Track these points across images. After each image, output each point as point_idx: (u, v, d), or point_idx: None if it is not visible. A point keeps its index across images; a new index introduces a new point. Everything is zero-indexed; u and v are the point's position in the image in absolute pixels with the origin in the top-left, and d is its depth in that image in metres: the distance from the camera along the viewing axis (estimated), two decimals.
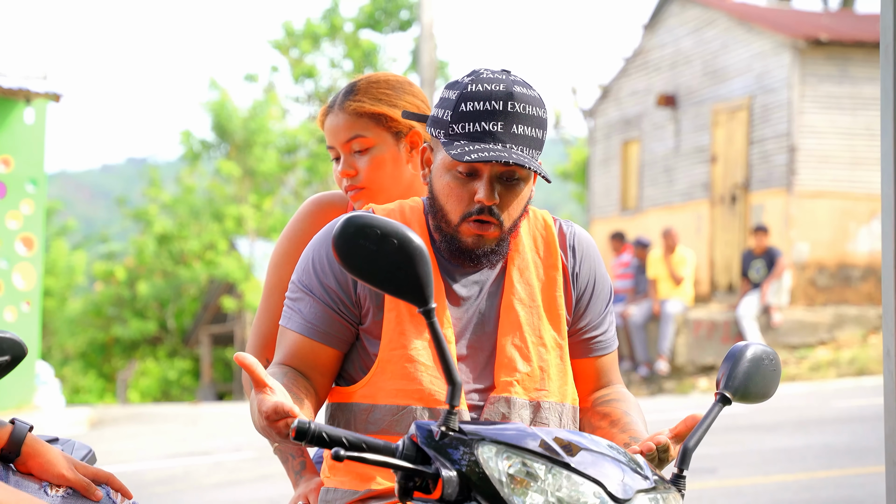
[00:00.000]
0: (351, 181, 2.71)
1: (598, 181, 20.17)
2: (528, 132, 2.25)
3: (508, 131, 2.23)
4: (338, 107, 2.73)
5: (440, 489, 1.80)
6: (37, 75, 12.28)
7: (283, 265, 2.79)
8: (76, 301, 32.88)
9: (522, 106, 2.24)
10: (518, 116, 2.24)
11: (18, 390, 12.32)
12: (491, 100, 2.23)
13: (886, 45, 2.96)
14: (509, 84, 2.25)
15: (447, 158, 2.27)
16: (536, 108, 2.26)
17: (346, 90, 2.75)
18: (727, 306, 15.69)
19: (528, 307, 2.34)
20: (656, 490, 1.88)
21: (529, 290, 2.35)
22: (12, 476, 2.40)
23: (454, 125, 2.25)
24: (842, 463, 7.81)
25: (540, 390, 2.31)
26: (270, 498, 7.64)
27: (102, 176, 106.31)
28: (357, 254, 1.89)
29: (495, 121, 2.23)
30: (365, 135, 2.69)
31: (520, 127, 2.24)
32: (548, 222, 2.42)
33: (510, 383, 2.29)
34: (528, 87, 2.27)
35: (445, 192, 2.28)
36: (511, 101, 2.23)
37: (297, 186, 29.10)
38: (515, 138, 2.23)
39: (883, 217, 2.98)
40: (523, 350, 2.32)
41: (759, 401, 2.19)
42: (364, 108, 2.70)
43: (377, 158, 2.70)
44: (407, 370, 2.26)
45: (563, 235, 2.42)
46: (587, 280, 2.41)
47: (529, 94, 2.26)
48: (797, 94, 15.94)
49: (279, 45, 28.90)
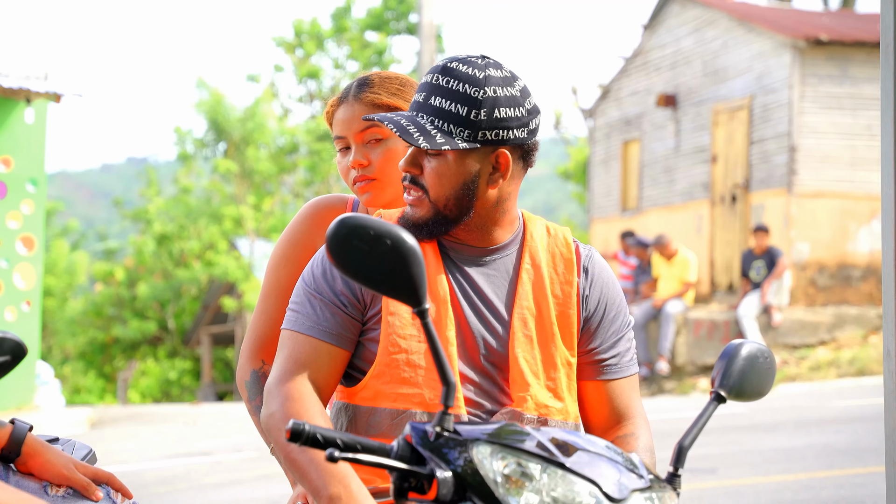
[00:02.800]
0: (362, 171, 2.69)
1: (599, 181, 20.17)
2: (444, 105, 2.28)
3: (427, 102, 2.30)
4: (352, 97, 2.71)
5: (435, 490, 1.80)
6: (37, 75, 12.28)
7: (280, 268, 2.79)
8: (76, 301, 32.88)
9: (447, 80, 2.29)
10: (438, 89, 2.30)
11: (18, 390, 12.32)
12: (430, 73, 2.33)
13: (886, 45, 2.97)
14: (451, 62, 2.32)
15: None
16: (465, 84, 2.28)
17: (360, 82, 2.74)
18: (727, 306, 15.69)
19: (539, 322, 2.34)
20: (651, 489, 1.88)
21: (542, 306, 2.34)
22: (12, 476, 2.40)
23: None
24: (842, 463, 7.82)
25: (548, 407, 2.31)
26: (270, 498, 7.65)
27: (102, 176, 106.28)
28: (350, 254, 1.89)
29: (421, 91, 2.33)
30: (381, 126, 2.67)
31: (437, 99, 2.29)
32: (568, 241, 2.42)
33: (524, 399, 2.29)
34: (476, 67, 2.30)
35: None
36: (437, 74, 2.31)
37: (298, 186, 29.08)
38: (426, 107, 2.30)
39: (883, 217, 2.98)
40: (533, 365, 2.31)
41: (755, 399, 2.19)
42: (381, 99, 2.69)
43: (391, 150, 2.68)
44: (406, 374, 2.26)
45: (579, 256, 2.41)
46: (597, 302, 2.40)
47: (463, 72, 2.30)
48: (797, 94, 15.95)
49: (284, 44, 28.88)
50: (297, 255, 2.77)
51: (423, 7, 17.54)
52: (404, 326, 2.28)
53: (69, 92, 12.30)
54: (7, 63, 12.35)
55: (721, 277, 17.08)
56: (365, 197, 2.70)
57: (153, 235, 29.98)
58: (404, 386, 2.26)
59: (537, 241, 2.38)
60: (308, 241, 2.77)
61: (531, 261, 2.36)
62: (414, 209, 2.32)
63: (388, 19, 28.86)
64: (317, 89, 29.05)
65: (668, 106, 18.12)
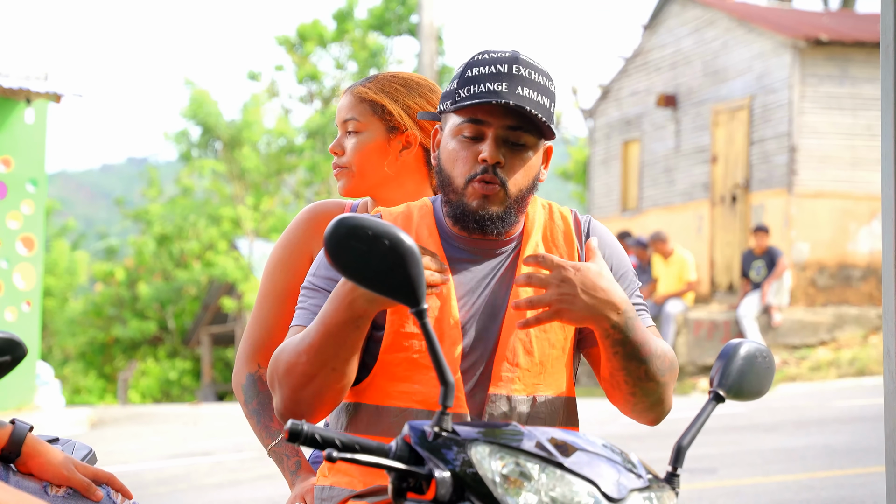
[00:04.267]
0: (337, 159, 2.78)
1: (599, 181, 20.17)
2: (533, 97, 2.24)
3: (514, 91, 2.22)
4: (349, 89, 2.80)
5: (433, 490, 1.80)
6: (37, 75, 12.28)
7: (276, 273, 2.80)
8: (76, 301, 32.89)
9: (528, 71, 2.25)
10: (523, 80, 2.24)
11: (18, 390, 12.32)
12: (496, 63, 2.24)
13: (886, 45, 2.97)
14: (515, 53, 2.27)
15: (453, 122, 2.28)
16: (543, 77, 2.26)
17: (365, 77, 2.82)
18: (727, 306, 15.69)
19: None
20: (650, 489, 1.88)
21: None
22: (12, 476, 2.40)
23: (460, 90, 2.26)
24: (842, 463, 7.82)
25: (537, 384, 2.29)
26: (270, 498, 7.65)
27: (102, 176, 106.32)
28: (349, 254, 1.89)
29: (500, 81, 2.23)
30: (359, 119, 2.75)
31: (525, 90, 2.23)
32: (564, 214, 2.40)
33: (511, 379, 2.26)
34: (534, 60, 2.29)
35: (452, 157, 2.28)
36: (516, 65, 2.24)
37: (298, 186, 29.08)
38: (520, 98, 2.23)
39: (883, 217, 2.99)
40: (527, 344, 2.29)
41: (753, 398, 2.19)
42: (367, 94, 2.75)
43: (362, 142, 2.74)
44: (408, 373, 2.25)
45: (579, 224, 2.40)
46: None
47: (534, 63, 2.27)
48: (797, 94, 15.95)
49: (285, 42, 28.87)
50: (293, 261, 2.79)
51: (423, 7, 17.55)
52: (406, 325, 2.27)
53: (69, 92, 12.30)
54: (7, 63, 12.35)
55: (721, 277, 17.08)
56: (339, 184, 2.79)
57: (153, 236, 29.98)
58: (406, 384, 2.25)
59: (537, 218, 2.37)
60: (305, 247, 2.79)
61: (527, 236, 2.35)
62: (489, 202, 2.27)
63: (390, 20, 28.87)
64: (317, 90, 29.05)
65: (668, 106, 18.12)
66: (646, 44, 19.05)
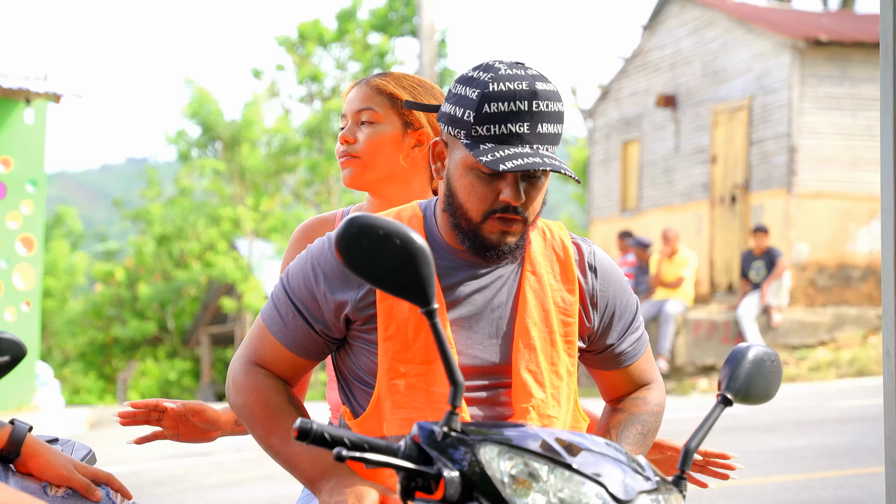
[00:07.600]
0: (348, 147, 2.74)
1: (598, 182, 20.17)
2: (551, 129, 2.21)
3: (535, 132, 2.18)
4: (364, 81, 2.78)
5: (442, 489, 1.80)
6: (37, 76, 12.27)
7: None
8: (76, 301, 32.89)
9: (546, 104, 2.20)
10: (543, 115, 2.19)
11: (18, 391, 12.31)
12: (515, 100, 2.17)
13: (886, 46, 2.97)
14: (531, 81, 2.20)
15: (470, 159, 2.20)
16: (557, 103, 2.22)
17: (379, 72, 2.81)
18: (727, 307, 15.69)
19: (543, 332, 2.29)
20: (658, 491, 1.87)
21: (545, 315, 2.29)
22: (12, 476, 2.40)
23: (477, 126, 2.19)
24: (842, 463, 7.82)
25: (551, 417, 2.27)
26: (270, 498, 7.64)
27: (102, 176, 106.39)
28: (360, 253, 1.89)
29: (521, 122, 2.18)
30: (376, 109, 2.73)
31: (544, 126, 2.19)
32: (565, 243, 2.36)
33: (526, 410, 2.25)
34: (546, 81, 2.23)
35: (467, 190, 2.22)
36: (535, 101, 2.18)
37: (298, 187, 29.07)
38: (541, 138, 2.19)
39: (883, 217, 2.98)
40: (538, 376, 2.27)
41: (761, 402, 2.19)
42: (387, 87, 2.74)
43: (378, 133, 2.72)
44: (410, 398, 2.22)
45: (582, 255, 2.36)
46: (608, 300, 2.36)
47: (551, 90, 2.22)
48: (797, 95, 15.95)
49: (285, 42, 28.86)
50: None
51: (422, 8, 17.55)
52: (404, 350, 2.23)
53: (69, 92, 12.30)
54: (7, 63, 12.34)
55: (721, 278, 17.08)
56: (345, 173, 2.76)
57: (153, 236, 29.98)
58: (407, 411, 2.22)
59: (535, 247, 2.34)
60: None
61: (532, 268, 2.31)
62: (508, 235, 2.23)
63: (393, 21, 28.86)
64: (318, 90, 29.04)
65: (668, 106, 18.12)
66: (645, 44, 19.05)
